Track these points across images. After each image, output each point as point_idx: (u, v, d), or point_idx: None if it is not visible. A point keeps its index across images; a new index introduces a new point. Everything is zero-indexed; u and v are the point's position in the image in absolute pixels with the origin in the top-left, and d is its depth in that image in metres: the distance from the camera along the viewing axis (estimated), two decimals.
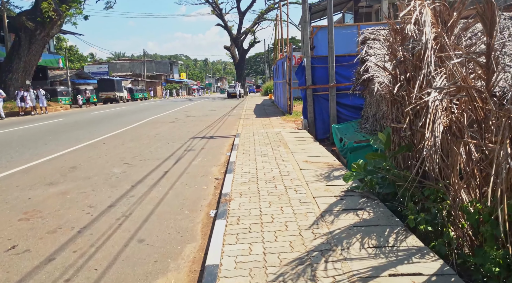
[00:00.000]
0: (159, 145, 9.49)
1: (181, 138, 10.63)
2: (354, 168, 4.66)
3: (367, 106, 9.62)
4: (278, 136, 9.43)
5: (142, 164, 7.26)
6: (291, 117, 15.48)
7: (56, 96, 29.51)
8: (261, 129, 11.61)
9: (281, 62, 18.13)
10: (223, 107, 25.01)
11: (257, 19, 45.26)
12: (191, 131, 12.07)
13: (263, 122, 13.99)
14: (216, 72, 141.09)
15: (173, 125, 13.95)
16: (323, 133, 11.36)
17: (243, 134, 10.22)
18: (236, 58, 47.66)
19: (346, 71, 10.91)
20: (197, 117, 17.09)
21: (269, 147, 7.82)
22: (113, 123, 15.19)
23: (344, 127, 9.76)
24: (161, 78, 75.88)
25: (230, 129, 12.55)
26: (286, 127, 12.19)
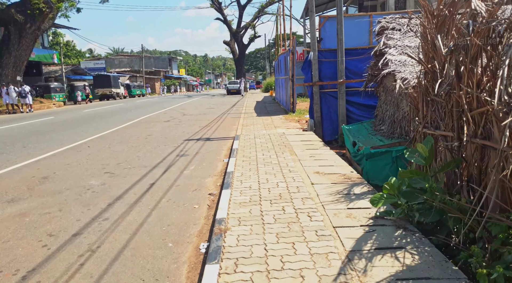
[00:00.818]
0: (149, 148, 8.49)
1: (175, 140, 9.63)
2: (385, 189, 3.67)
3: (381, 105, 8.62)
4: (282, 139, 8.43)
5: (126, 173, 6.26)
6: (294, 115, 14.48)
7: (49, 92, 28.48)
8: (263, 130, 10.62)
9: (283, 57, 17.09)
10: (222, 104, 23.98)
11: (257, 13, 44.09)
12: (186, 132, 11.06)
13: (265, 121, 12.99)
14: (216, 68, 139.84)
15: (167, 125, 12.95)
16: (331, 134, 10.37)
17: (243, 136, 9.22)
18: (235, 53, 46.55)
19: (357, 66, 9.90)
20: (194, 116, 16.07)
21: (273, 153, 6.82)
22: (104, 122, 14.18)
23: (355, 129, 8.76)
24: (160, 74, 74.73)
25: (229, 129, 11.55)
26: (290, 127, 11.19)
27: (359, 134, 8.25)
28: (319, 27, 10.08)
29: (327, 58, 10.06)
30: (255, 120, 13.36)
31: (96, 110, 20.40)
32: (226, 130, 11.29)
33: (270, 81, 43.89)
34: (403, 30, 7.11)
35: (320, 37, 10.07)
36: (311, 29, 10.00)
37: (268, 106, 20.62)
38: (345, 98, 9.84)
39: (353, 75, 9.93)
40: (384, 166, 6.54)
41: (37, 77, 35.70)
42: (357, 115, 9.99)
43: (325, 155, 6.47)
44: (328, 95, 10.20)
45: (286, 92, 16.90)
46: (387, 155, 6.48)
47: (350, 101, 9.99)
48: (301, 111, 15.67)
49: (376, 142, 7.02)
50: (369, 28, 9.82)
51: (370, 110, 9.85)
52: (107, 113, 18.42)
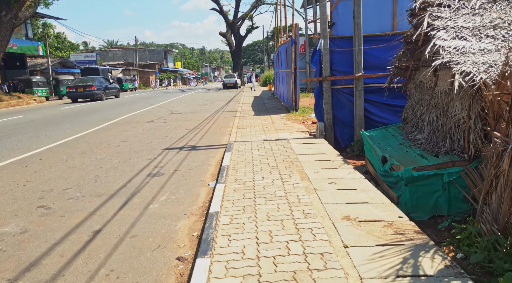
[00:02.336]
0: (117, 162, 6.61)
1: (152, 149, 7.75)
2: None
3: (414, 107, 6.75)
4: (286, 150, 6.55)
5: (69, 207, 4.40)
6: (297, 114, 12.60)
7: (31, 87, 26.49)
8: (262, 134, 8.75)
9: (284, 48, 15.16)
10: (217, 100, 22.05)
11: (255, 3, 41.86)
12: (169, 137, 9.17)
13: (264, 122, 11.11)
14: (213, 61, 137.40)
15: (149, 127, 11.04)
16: (345, 140, 8.50)
17: (238, 144, 7.34)
18: (232, 45, 44.43)
19: (378, 56, 8.01)
20: (182, 114, 14.16)
21: (276, 175, 4.95)
22: (77, 122, 12.26)
23: (379, 135, 6.91)
24: (154, 67, 72.60)
25: (221, 133, 9.66)
26: (294, 130, 9.33)
27: (386, 143, 6.39)
28: (331, 8, 8.16)
29: (340, 47, 8.16)
30: (253, 121, 11.48)
31: (76, 107, 18.43)
32: (218, 135, 9.41)
33: (268, 75, 41.93)
34: (454, 6, 5.24)
35: (332, 21, 8.17)
36: (321, 11, 8.09)
37: (267, 102, 18.73)
38: (363, 96, 7.96)
39: (373, 68, 8.05)
40: (430, 194, 4.70)
41: (21, 70, 33.57)
42: (378, 117, 8.12)
43: (350, 181, 4.60)
44: (342, 92, 8.32)
45: (287, 88, 15.01)
46: (436, 180, 4.64)
47: (369, 100, 8.11)
48: (305, 109, 13.81)
49: (415, 159, 5.16)
50: (393, 8, 7.91)
51: (395, 112, 7.99)
52: (87, 110, 16.47)
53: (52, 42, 60.59)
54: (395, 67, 7.18)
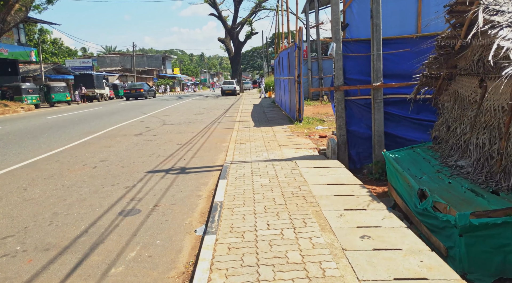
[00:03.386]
0: (86, 193, 5.37)
1: (133, 172, 6.51)
2: None
3: (450, 124, 5.54)
4: (295, 177, 5.32)
5: None
6: (302, 126, 11.40)
7: (20, 94, 25.24)
8: (263, 152, 7.53)
9: (287, 53, 14.00)
10: (214, 108, 20.85)
11: (254, 8, 40.81)
12: (155, 155, 7.94)
13: (265, 135, 9.89)
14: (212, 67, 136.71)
15: (136, 141, 9.81)
16: (361, 159, 7.28)
17: (235, 168, 6.11)
18: (231, 51, 43.31)
19: (399, 63, 6.83)
20: (175, 126, 12.93)
21: (286, 221, 3.71)
22: (57, 136, 11.02)
23: (407, 158, 5.69)
24: (152, 73, 71.72)
25: (216, 149, 8.44)
26: (300, 146, 8.12)
27: (418, 169, 5.16)
28: (344, 7, 6.98)
29: (355, 52, 6.97)
30: (253, 134, 10.27)
31: (62, 117, 17.19)
32: (213, 152, 8.18)
33: (268, 81, 40.80)
34: None
35: (345, 22, 6.98)
36: (332, 10, 6.91)
37: (267, 111, 17.53)
38: (382, 109, 6.76)
39: (393, 76, 6.86)
40: (496, 249, 3.48)
41: (12, 76, 32.41)
42: (401, 134, 6.91)
43: (388, 231, 3.36)
44: (357, 104, 7.11)
45: (290, 96, 13.83)
46: (505, 230, 3.41)
47: (389, 113, 6.91)
48: (310, 120, 12.61)
49: (467, 197, 3.94)
50: (417, 6, 6.74)
51: (420, 128, 6.79)
52: (72, 121, 15.23)
53: (48, 48, 59.63)
54: (423, 75, 5.99)
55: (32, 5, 23.64)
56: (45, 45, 58.44)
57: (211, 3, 41.11)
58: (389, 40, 6.78)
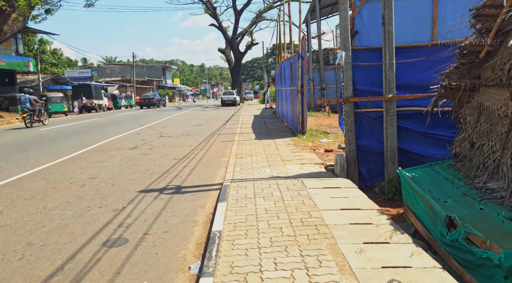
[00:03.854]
0: (68, 217, 4.80)
1: (124, 192, 5.95)
2: None
3: (475, 140, 4.99)
4: (304, 200, 4.75)
5: None
6: (305, 139, 10.86)
7: (15, 105, 24.78)
8: (266, 168, 6.98)
9: (289, 63, 13.55)
10: (214, 119, 20.34)
11: (255, 18, 40.62)
12: (150, 171, 7.38)
13: (267, 149, 9.35)
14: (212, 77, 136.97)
15: (130, 155, 9.26)
16: (372, 177, 6.72)
17: (235, 188, 5.54)
18: (231, 62, 43.03)
19: (412, 73, 6.32)
20: (173, 138, 12.39)
21: (297, 259, 3.14)
22: (49, 149, 10.47)
23: (425, 178, 5.13)
24: (152, 83, 71.49)
25: (215, 165, 7.88)
26: (305, 161, 7.57)
27: (440, 191, 4.60)
28: (353, 13, 6.51)
29: (365, 61, 6.47)
30: (254, 147, 9.73)
31: (56, 129, 16.65)
32: (211, 168, 7.63)
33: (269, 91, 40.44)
34: None
35: (354, 29, 6.50)
36: (340, 17, 6.43)
37: (268, 122, 17.02)
38: (396, 123, 6.22)
39: (406, 87, 6.35)
40: None
41: (10, 87, 32.02)
42: (417, 149, 6.36)
43: (421, 274, 2.79)
44: (368, 117, 6.58)
45: (292, 107, 13.33)
46: None
47: (402, 127, 6.37)
48: (313, 132, 12.08)
49: (508, 229, 3.38)
50: (433, 13, 6.25)
51: (436, 144, 6.24)
52: (66, 133, 14.69)
53: (48, 58, 59.47)
54: (442, 86, 5.48)
55: (30, 15, 23.29)
56: (44, 55, 58.35)
57: (211, 14, 40.99)
58: (402, 48, 6.28)
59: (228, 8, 44.97)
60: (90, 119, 23.14)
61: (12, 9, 20.25)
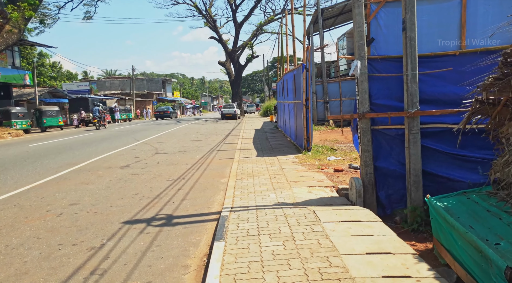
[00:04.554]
0: (32, 260, 3.95)
1: (106, 222, 5.10)
2: None
3: None
4: (319, 240, 3.91)
5: None
6: (311, 157, 10.03)
7: (9, 119, 24.06)
8: (270, 192, 6.15)
9: (292, 75, 12.83)
10: (214, 134, 19.56)
11: (255, 31, 40.25)
12: (139, 196, 6.54)
13: (271, 168, 8.52)
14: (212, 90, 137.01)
15: (120, 176, 8.43)
16: (392, 203, 5.87)
17: (235, 220, 4.70)
18: (231, 75, 42.53)
19: (438, 85, 5.55)
20: (169, 155, 11.57)
21: None
22: (32, 168, 9.65)
23: (462, 209, 4.28)
24: (152, 96, 71.06)
25: (212, 188, 7.04)
26: (314, 183, 6.75)
27: (486, 228, 3.75)
28: (369, 18, 5.76)
29: (382, 72, 5.70)
30: (256, 165, 8.90)
31: (47, 145, 15.84)
32: (208, 192, 6.78)
33: (269, 105, 39.86)
34: None
35: (370, 36, 5.75)
36: (355, 22, 5.69)
37: (270, 137, 16.23)
38: (419, 142, 5.41)
39: (431, 102, 5.56)
40: None
41: (5, 100, 31.35)
42: (443, 172, 5.53)
43: None
44: (387, 135, 5.78)
45: (295, 121, 12.55)
46: None
47: (427, 147, 5.55)
48: (319, 149, 11.26)
49: None
50: (460, 16, 5.51)
51: (468, 166, 5.42)
52: (57, 149, 13.88)
53: (46, 71, 59.11)
54: (477, 101, 4.69)
55: (25, 27, 22.74)
56: (43, 68, 58.00)
57: (211, 27, 40.69)
58: (425, 57, 5.52)
59: (229, 21, 44.75)
60: (85, 133, 22.38)
61: (5, 21, 19.69)
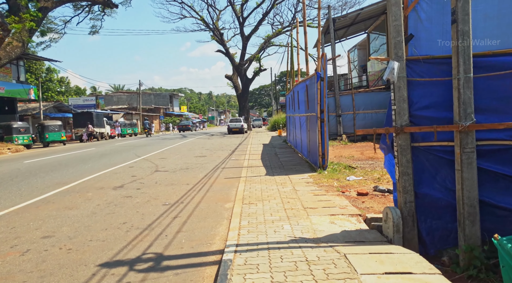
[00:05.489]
0: None
1: (78, 265, 4.00)
2: None
3: None
4: None
5: None
6: (328, 176, 8.89)
7: (10, 134, 23.32)
8: (285, 223, 5.01)
9: (304, 86, 11.79)
10: (219, 149, 18.51)
11: (263, 44, 39.59)
12: (127, 226, 5.44)
13: (282, 190, 7.40)
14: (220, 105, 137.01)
15: (110, 199, 7.36)
16: (436, 240, 4.66)
17: (242, 268, 3.56)
18: (238, 88, 41.74)
19: (498, 91, 4.42)
20: (169, 173, 10.51)
21: None
22: (14, 189, 8.64)
23: None
24: (159, 111, 70.70)
25: (214, 216, 5.92)
26: (336, 211, 5.62)
27: None
28: (406, 11, 4.70)
29: (424, 76, 4.60)
30: (266, 186, 7.79)
31: (42, 161, 14.90)
32: (209, 221, 5.66)
33: (277, 119, 38.87)
34: None
35: (409, 32, 4.67)
36: (391, 13, 4.63)
37: (280, 152, 15.11)
38: (475, 163, 4.26)
39: (487, 112, 4.42)
40: None
41: (9, 115, 30.82)
42: (506, 202, 4.36)
43: None
44: (430, 154, 4.63)
45: (308, 136, 11.45)
46: None
47: (486, 171, 4.39)
48: (335, 166, 10.11)
49: None
50: None
51: None
52: (50, 166, 12.91)
53: (54, 86, 59.14)
54: None
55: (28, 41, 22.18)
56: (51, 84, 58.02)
57: (218, 40, 40.16)
58: (481, 57, 4.41)
59: (236, 34, 44.24)
60: (86, 148, 21.49)
61: (6, 33, 19.10)
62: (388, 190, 7.15)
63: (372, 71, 26.75)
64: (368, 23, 24.53)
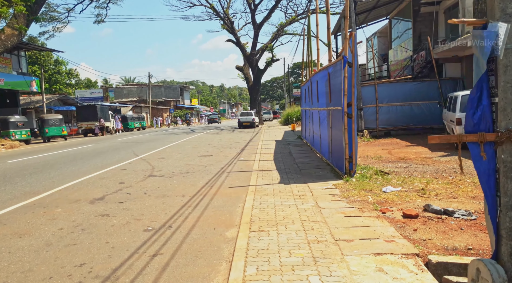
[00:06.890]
0: None
1: None
2: None
3: None
4: None
5: None
6: (357, 185, 7.07)
7: (7, 128, 22.03)
8: (311, 272, 3.23)
9: (326, 74, 9.92)
10: (227, 146, 16.79)
11: (276, 32, 37.53)
12: (84, 270, 3.75)
13: (302, 206, 5.62)
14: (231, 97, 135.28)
15: (81, 219, 5.70)
16: None
17: None
18: (250, 80, 39.85)
19: None
20: (165, 179, 8.82)
21: None
22: None
23: None
24: (169, 104, 69.34)
25: (210, 253, 4.17)
26: (382, 249, 3.84)
27: None
28: None
29: None
30: (280, 202, 6.02)
31: (26, 161, 13.38)
32: (200, 262, 3.93)
33: (290, 112, 36.96)
34: None
35: None
36: None
37: (295, 151, 13.31)
38: None
39: None
40: None
41: (11, 108, 29.62)
42: None
43: None
44: None
45: (330, 135, 9.63)
46: None
47: None
48: (364, 172, 8.29)
49: None
50: None
51: None
52: (32, 168, 11.37)
53: (63, 78, 58.16)
54: None
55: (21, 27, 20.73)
56: (59, 76, 57.04)
57: (229, 29, 38.24)
58: None
59: (247, 23, 42.27)
60: (83, 145, 20.01)
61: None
62: (445, 210, 5.31)
63: (394, 61, 24.62)
64: (390, 7, 22.38)
